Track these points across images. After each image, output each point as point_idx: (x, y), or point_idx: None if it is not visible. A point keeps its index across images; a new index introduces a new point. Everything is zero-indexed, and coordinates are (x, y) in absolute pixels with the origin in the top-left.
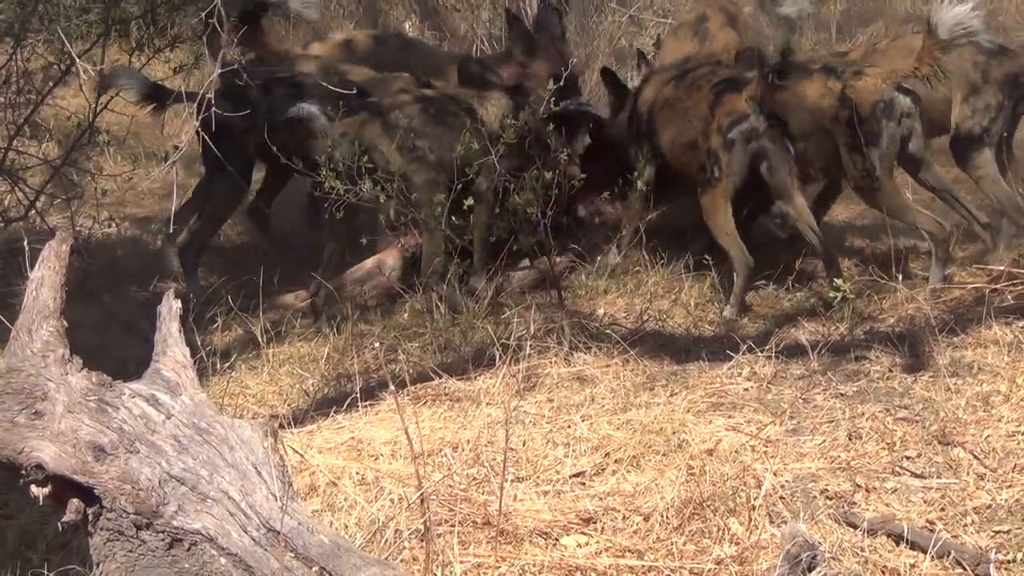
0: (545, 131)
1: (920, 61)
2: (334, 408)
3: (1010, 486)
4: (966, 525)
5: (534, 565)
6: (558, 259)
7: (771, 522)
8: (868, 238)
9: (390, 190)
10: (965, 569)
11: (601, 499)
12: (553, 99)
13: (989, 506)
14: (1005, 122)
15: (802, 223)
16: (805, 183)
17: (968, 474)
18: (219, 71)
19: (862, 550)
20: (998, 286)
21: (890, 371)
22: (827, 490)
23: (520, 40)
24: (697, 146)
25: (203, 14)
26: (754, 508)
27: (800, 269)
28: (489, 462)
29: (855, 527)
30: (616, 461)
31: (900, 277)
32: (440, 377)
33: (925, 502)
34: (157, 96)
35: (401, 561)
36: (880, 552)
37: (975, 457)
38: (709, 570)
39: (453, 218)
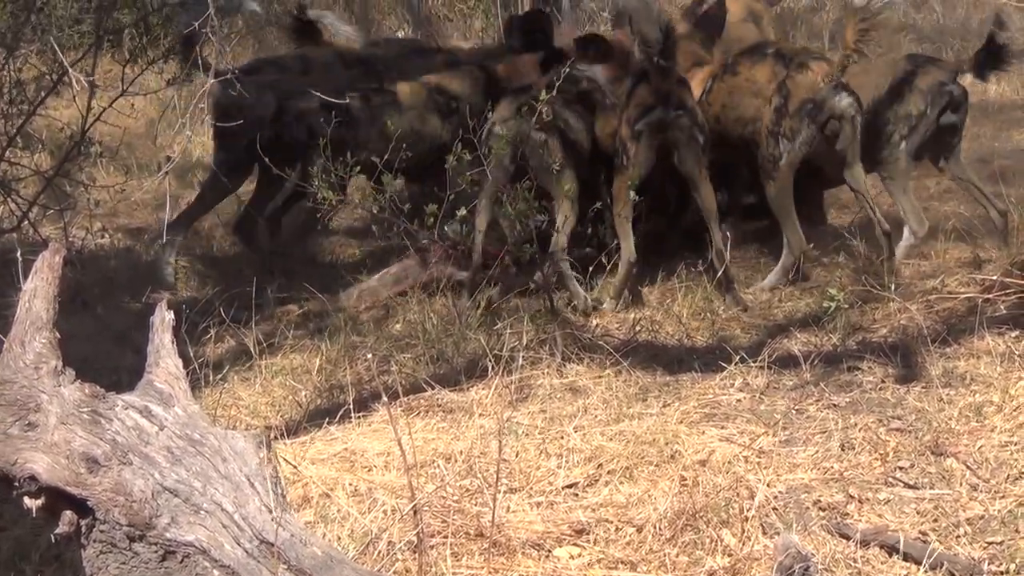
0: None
1: (847, 44)
2: (327, 419)
3: (1003, 497)
4: (959, 536)
5: None
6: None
7: (764, 533)
8: (861, 246)
9: (382, 201)
10: None
11: (594, 510)
12: None
13: (982, 517)
14: (928, 131)
15: (707, 212)
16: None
17: (961, 485)
18: (211, 80)
19: (855, 561)
20: (991, 296)
21: (883, 382)
22: (820, 501)
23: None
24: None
25: (196, 24)
26: (747, 519)
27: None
28: (482, 473)
29: (848, 538)
30: (609, 472)
31: (892, 287)
32: (433, 388)
33: (918, 513)
34: None
35: (394, 573)
36: (873, 564)
37: (968, 468)
38: None
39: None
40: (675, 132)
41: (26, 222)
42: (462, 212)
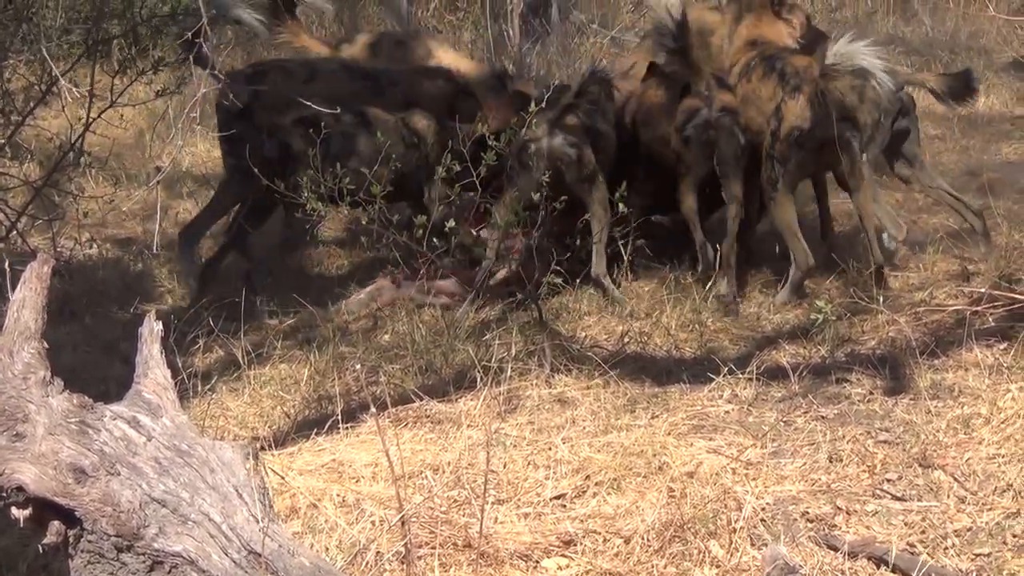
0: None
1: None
2: (315, 430)
3: (991, 509)
4: (947, 548)
5: None
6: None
7: (752, 545)
8: (849, 259)
9: (371, 212)
10: None
11: (582, 521)
12: None
13: (970, 529)
14: (883, 140)
15: (731, 212)
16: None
17: (949, 497)
18: (203, 90)
19: (843, 573)
20: (979, 308)
21: (871, 394)
22: (808, 513)
23: None
24: None
25: (189, 33)
26: (735, 531)
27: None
28: (470, 484)
29: (836, 550)
30: (597, 483)
31: (881, 299)
32: (421, 399)
33: (906, 525)
34: None
35: None
36: (861, 575)
37: (956, 480)
38: None
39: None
40: (716, 132)
41: (15, 232)
42: (451, 224)
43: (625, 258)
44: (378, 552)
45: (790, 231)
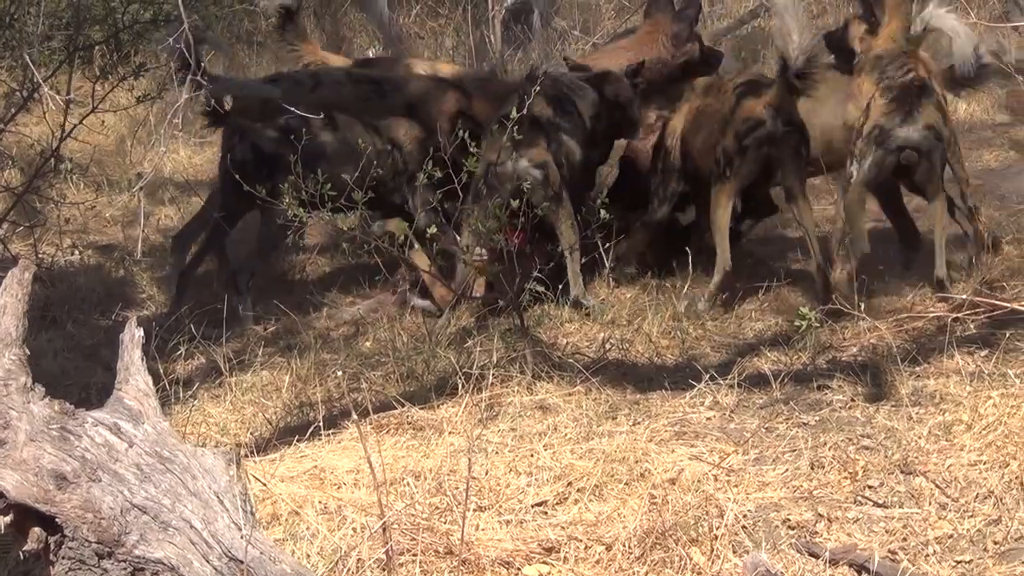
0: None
1: None
2: (297, 437)
3: (972, 516)
4: (928, 555)
5: None
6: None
7: (734, 552)
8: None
9: (346, 219)
10: None
11: (563, 528)
12: None
13: (951, 536)
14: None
15: (805, 227)
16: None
17: (930, 504)
18: (186, 95)
19: None
20: (960, 315)
21: (852, 400)
22: (789, 520)
23: None
24: None
25: (171, 39)
26: (716, 538)
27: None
28: (451, 491)
29: (817, 557)
30: (578, 490)
31: (862, 306)
32: (403, 406)
33: (887, 532)
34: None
35: None
36: None
37: (937, 487)
38: None
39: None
40: (782, 148)
41: None
42: (432, 231)
43: (607, 265)
44: (359, 559)
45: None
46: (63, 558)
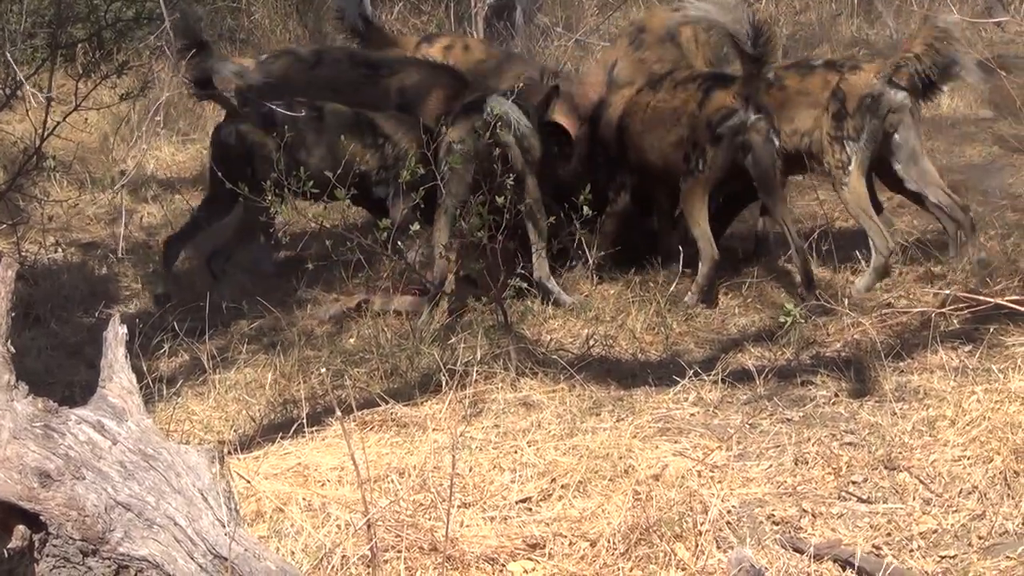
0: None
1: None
2: (281, 434)
3: (956, 511)
4: (912, 550)
5: None
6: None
7: (718, 547)
8: (815, 261)
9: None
10: None
11: (548, 525)
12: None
13: (935, 531)
14: (875, 146)
15: (779, 217)
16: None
17: (914, 499)
18: (167, 94)
19: (808, 575)
20: (944, 310)
21: (836, 396)
22: (774, 515)
23: None
24: None
25: (152, 36)
26: (701, 533)
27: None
28: (436, 488)
29: (801, 552)
30: (563, 487)
31: (846, 301)
32: (386, 403)
33: (871, 527)
34: None
35: None
36: None
37: (921, 482)
38: None
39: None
40: (753, 135)
41: None
42: (415, 227)
43: (591, 261)
44: (344, 556)
45: (867, 214)
46: (47, 556)
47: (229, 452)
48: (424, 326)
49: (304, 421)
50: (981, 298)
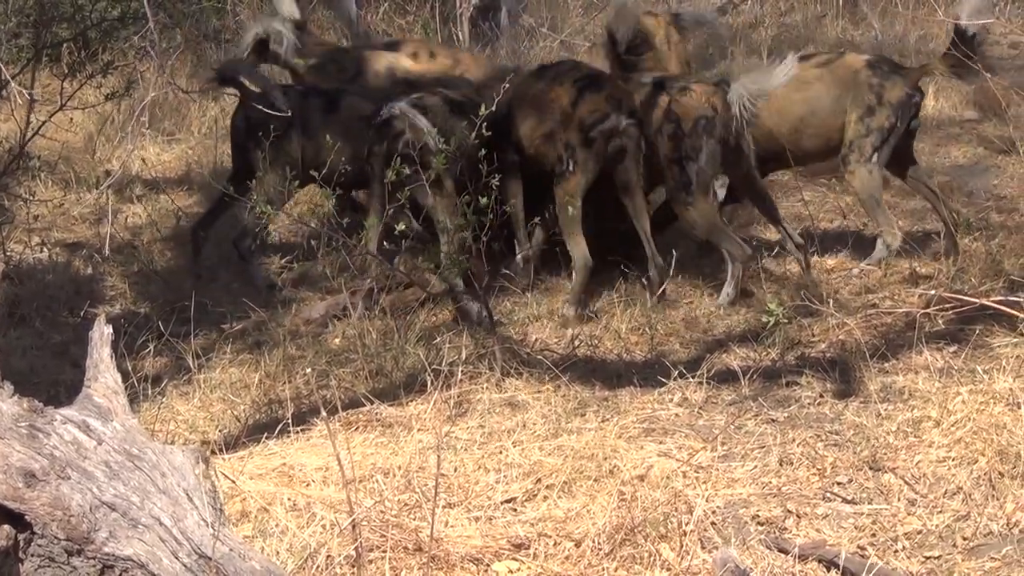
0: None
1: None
2: (265, 434)
3: (941, 511)
4: (897, 551)
5: None
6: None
7: (703, 548)
8: (797, 262)
9: (322, 214)
10: None
11: (533, 525)
12: None
13: (920, 532)
14: (896, 142)
15: (639, 223)
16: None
17: (899, 500)
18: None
19: (793, 575)
20: (929, 311)
21: (821, 397)
22: (758, 516)
23: None
24: None
25: (136, 36)
26: (686, 534)
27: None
28: (421, 488)
29: (786, 553)
30: (548, 487)
31: (831, 302)
32: (372, 403)
33: (856, 528)
34: None
35: None
36: None
37: (906, 483)
38: None
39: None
40: (625, 139)
41: None
42: (401, 227)
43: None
44: (329, 556)
45: (718, 228)
46: (32, 555)
47: (214, 452)
48: (410, 325)
49: (289, 421)
50: (966, 299)
